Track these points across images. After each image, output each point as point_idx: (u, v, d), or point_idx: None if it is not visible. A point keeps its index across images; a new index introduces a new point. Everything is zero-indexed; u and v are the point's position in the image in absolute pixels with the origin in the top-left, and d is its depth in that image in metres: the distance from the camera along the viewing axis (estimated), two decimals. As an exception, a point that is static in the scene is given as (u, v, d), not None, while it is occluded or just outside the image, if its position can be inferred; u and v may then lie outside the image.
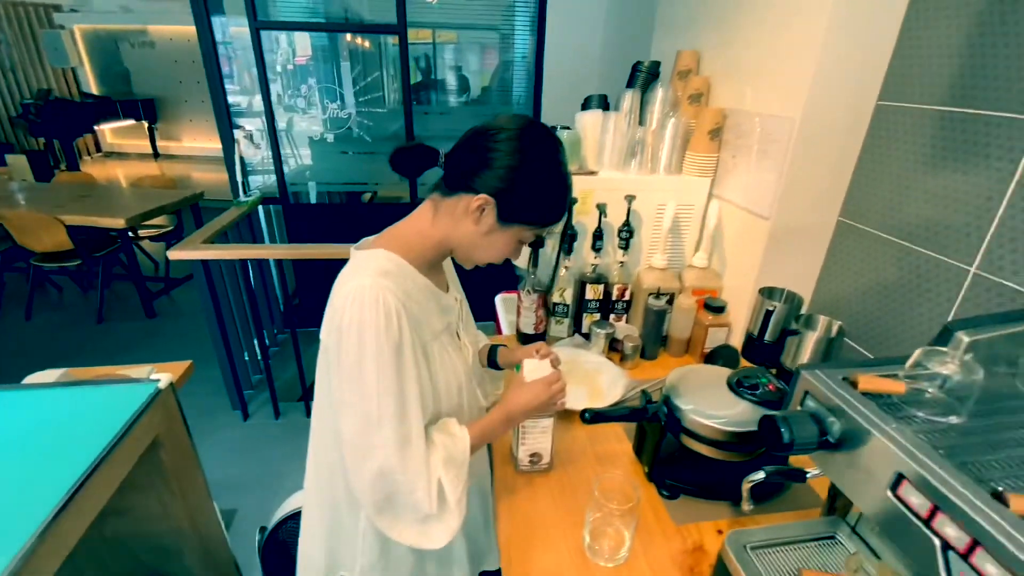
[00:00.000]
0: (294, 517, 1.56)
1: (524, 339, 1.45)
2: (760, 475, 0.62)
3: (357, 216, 3.20)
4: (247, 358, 2.73)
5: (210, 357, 2.46)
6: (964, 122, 0.92)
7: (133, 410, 1.05)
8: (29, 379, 1.16)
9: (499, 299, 1.79)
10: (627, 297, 1.43)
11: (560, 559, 0.84)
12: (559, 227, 0.80)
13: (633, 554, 0.85)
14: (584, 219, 1.39)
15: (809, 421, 0.50)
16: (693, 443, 0.90)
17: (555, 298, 1.42)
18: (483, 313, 1.66)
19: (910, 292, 1.04)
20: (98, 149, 7.52)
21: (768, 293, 1.21)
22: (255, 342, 2.74)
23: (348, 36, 3.22)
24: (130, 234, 3.50)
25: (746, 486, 0.64)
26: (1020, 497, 0.39)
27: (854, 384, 0.52)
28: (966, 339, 0.54)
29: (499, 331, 1.74)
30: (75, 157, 6.30)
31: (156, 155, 7.38)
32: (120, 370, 1.53)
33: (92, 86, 7.11)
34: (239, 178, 2.80)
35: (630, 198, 1.34)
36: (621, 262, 1.41)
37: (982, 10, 0.89)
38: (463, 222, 0.77)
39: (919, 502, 0.42)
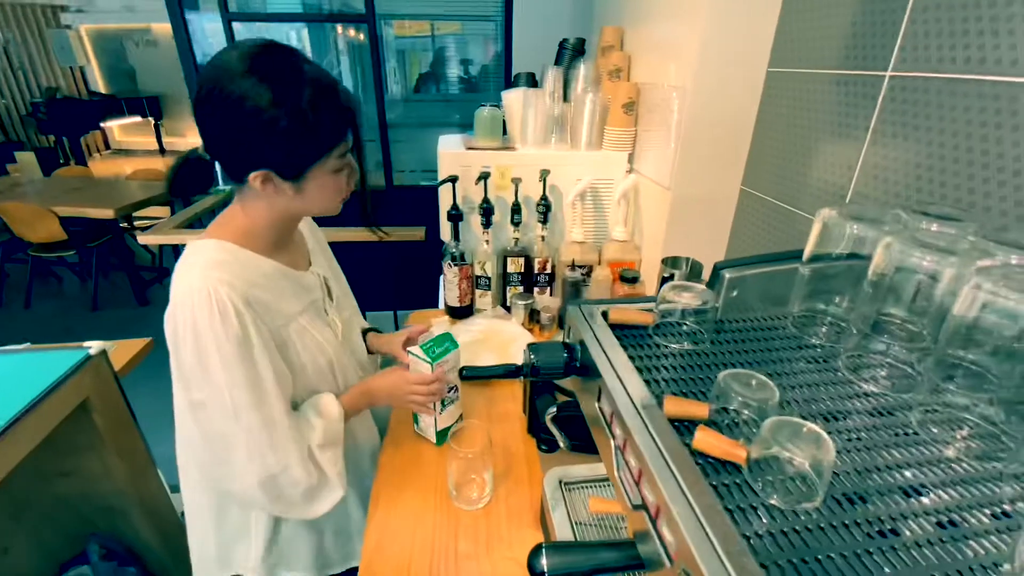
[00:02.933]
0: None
1: (451, 312, 1.50)
2: (553, 408, 0.66)
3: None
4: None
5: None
6: (841, 84, 0.93)
7: (58, 374, 1.13)
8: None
9: (442, 279, 1.84)
10: (549, 270, 1.47)
11: (426, 505, 0.89)
12: (349, 141, 0.72)
13: (495, 499, 0.90)
14: (503, 194, 1.42)
15: (559, 350, 0.54)
16: (562, 397, 0.94)
17: (478, 271, 1.46)
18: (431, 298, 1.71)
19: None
20: (107, 146, 7.75)
21: (671, 262, 1.24)
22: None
23: (339, 28, 3.29)
24: (124, 225, 3.63)
25: (548, 419, 0.68)
26: (675, 400, 0.43)
27: (607, 317, 0.56)
28: (727, 276, 0.58)
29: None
30: (83, 154, 6.52)
31: (162, 151, 7.57)
32: (57, 345, 1.62)
33: (100, 84, 7.32)
34: (218, 168, 2.89)
35: (545, 172, 1.38)
36: (542, 236, 1.45)
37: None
38: (270, 199, 0.72)
39: (607, 409, 0.45)
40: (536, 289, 1.50)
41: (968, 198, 0.70)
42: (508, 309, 1.48)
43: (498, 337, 1.35)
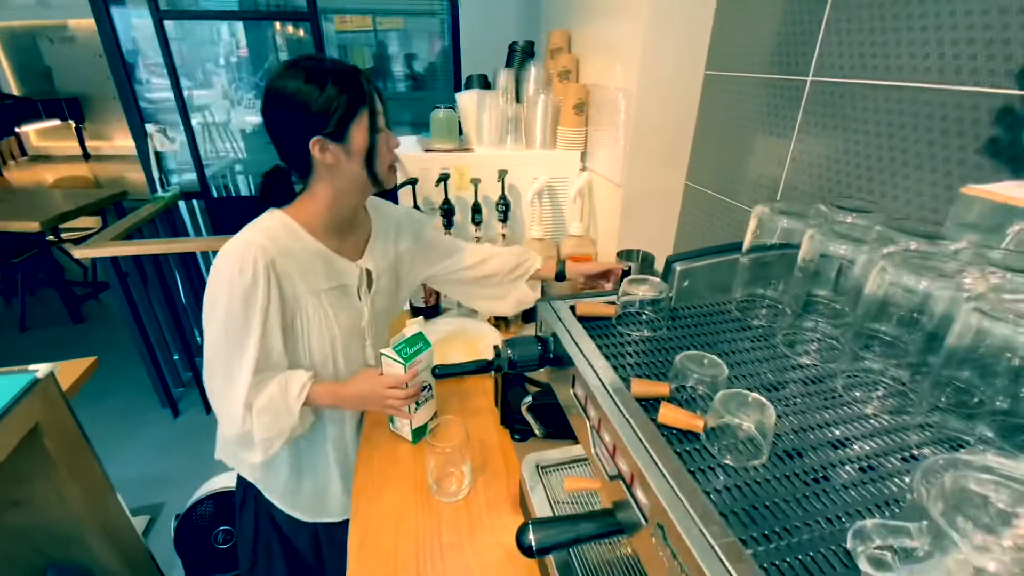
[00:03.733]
0: (207, 500, 1.60)
1: (415, 313, 1.52)
2: (529, 398, 0.71)
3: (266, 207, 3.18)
4: (177, 357, 2.71)
5: (137, 358, 2.44)
6: (770, 87, 1.02)
7: (6, 400, 1.08)
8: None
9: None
10: (511, 267, 1.51)
11: (406, 500, 0.92)
12: (375, 105, 0.86)
13: (474, 491, 0.94)
14: (463, 194, 1.45)
15: (534, 343, 0.59)
16: (533, 388, 0.99)
17: (440, 271, 1.49)
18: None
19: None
20: (23, 153, 7.14)
21: (626, 255, 1.31)
22: (183, 341, 2.72)
23: (278, 25, 3.18)
24: (50, 237, 3.39)
25: (523, 408, 0.72)
26: (640, 381, 0.48)
27: (575, 311, 0.61)
28: (678, 268, 0.64)
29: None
30: (-4, 162, 5.98)
31: (87, 156, 7.05)
32: (7, 370, 1.53)
33: (11, 86, 6.73)
34: (156, 174, 2.76)
35: (503, 173, 1.42)
36: (503, 234, 1.49)
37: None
38: (333, 172, 0.86)
39: (581, 394, 0.51)
40: (499, 286, 1.54)
41: (879, 189, 0.80)
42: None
43: (466, 335, 1.39)
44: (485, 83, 1.59)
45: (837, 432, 0.47)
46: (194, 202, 3.05)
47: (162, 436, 2.43)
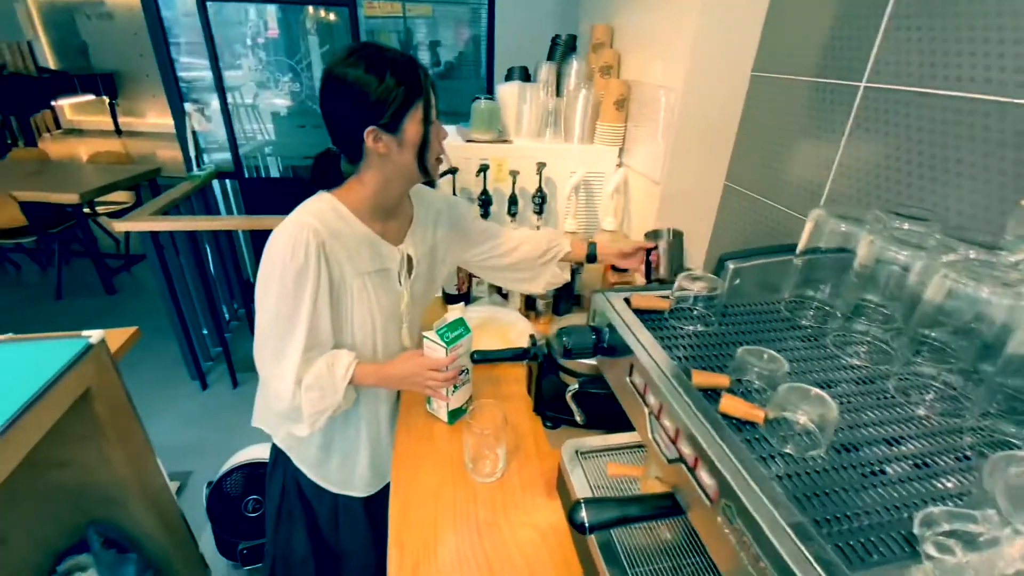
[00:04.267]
0: (238, 470, 1.66)
1: (447, 299, 1.55)
2: (575, 385, 0.74)
3: (315, 189, 3.24)
4: (206, 332, 2.79)
5: (171, 331, 2.52)
6: (819, 91, 1.03)
7: (63, 363, 1.13)
8: (-31, 339, 1.23)
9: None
10: (543, 259, 1.53)
11: (444, 477, 0.96)
12: (430, 97, 0.89)
13: (508, 473, 0.97)
14: (500, 185, 1.48)
15: (588, 332, 0.61)
16: (568, 378, 1.01)
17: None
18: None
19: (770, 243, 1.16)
20: (57, 126, 7.32)
21: (653, 234, 1.28)
22: (209, 316, 2.80)
23: (311, 9, 3.22)
24: (86, 210, 3.49)
25: (568, 396, 0.75)
26: (701, 373, 0.50)
27: (629, 303, 0.63)
28: (731, 267, 0.66)
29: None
30: (32, 134, 6.14)
31: (119, 132, 7.21)
32: (56, 334, 1.60)
33: (49, 60, 6.89)
34: (192, 152, 2.82)
35: (541, 165, 1.44)
36: (537, 226, 1.51)
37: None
38: (382, 162, 0.89)
39: (639, 382, 0.53)
40: (531, 277, 1.56)
41: (930, 199, 0.80)
42: (504, 296, 1.54)
43: (497, 323, 1.41)
44: (526, 75, 1.60)
45: (891, 430, 0.49)
46: (227, 181, 3.12)
47: (191, 407, 2.51)
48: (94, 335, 1.26)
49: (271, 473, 1.18)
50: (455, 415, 1.08)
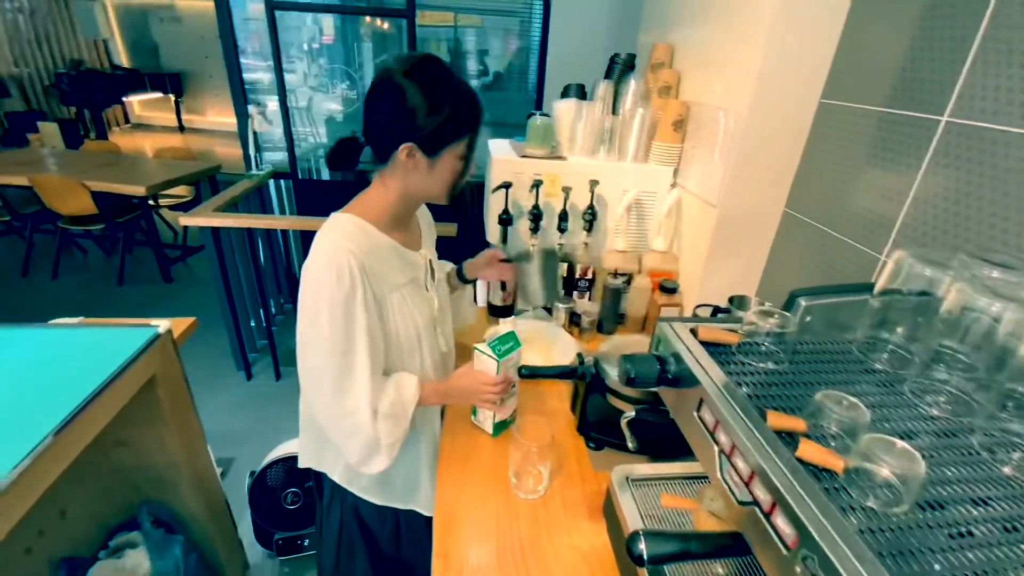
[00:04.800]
0: (280, 462, 1.72)
1: (492, 311, 1.57)
2: (632, 412, 0.73)
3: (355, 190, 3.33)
4: (253, 324, 2.90)
5: (220, 322, 2.64)
6: (892, 123, 1.00)
7: (133, 350, 1.20)
8: (52, 322, 1.32)
9: (479, 282, 1.91)
10: (590, 276, 1.53)
11: (487, 491, 0.97)
12: (476, 137, 0.89)
13: (551, 492, 0.97)
14: (551, 201, 1.49)
15: (652, 362, 0.61)
16: (616, 401, 1.01)
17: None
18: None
19: (838, 277, 1.12)
20: (127, 120, 7.79)
21: (738, 302, 1.26)
22: (260, 309, 2.91)
23: (367, 18, 3.33)
24: (150, 202, 3.69)
25: (623, 422, 0.75)
26: (776, 414, 0.49)
27: (696, 334, 0.62)
28: (803, 304, 0.64)
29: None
30: (104, 127, 6.55)
31: (181, 128, 7.62)
32: (127, 321, 1.70)
33: (122, 58, 7.35)
34: (252, 152, 2.95)
35: (594, 183, 1.44)
36: (586, 243, 1.51)
37: (915, 16, 0.95)
38: (407, 174, 0.88)
39: (709, 418, 0.52)
40: (576, 293, 1.56)
41: (1015, 241, 0.77)
42: (549, 311, 1.54)
43: (541, 338, 1.42)
44: (582, 93, 1.61)
45: (977, 490, 0.47)
46: (281, 182, 3.24)
47: (235, 396, 2.61)
48: (162, 324, 1.33)
49: (328, 508, 1.14)
50: (500, 427, 1.09)
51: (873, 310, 0.65)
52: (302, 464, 1.10)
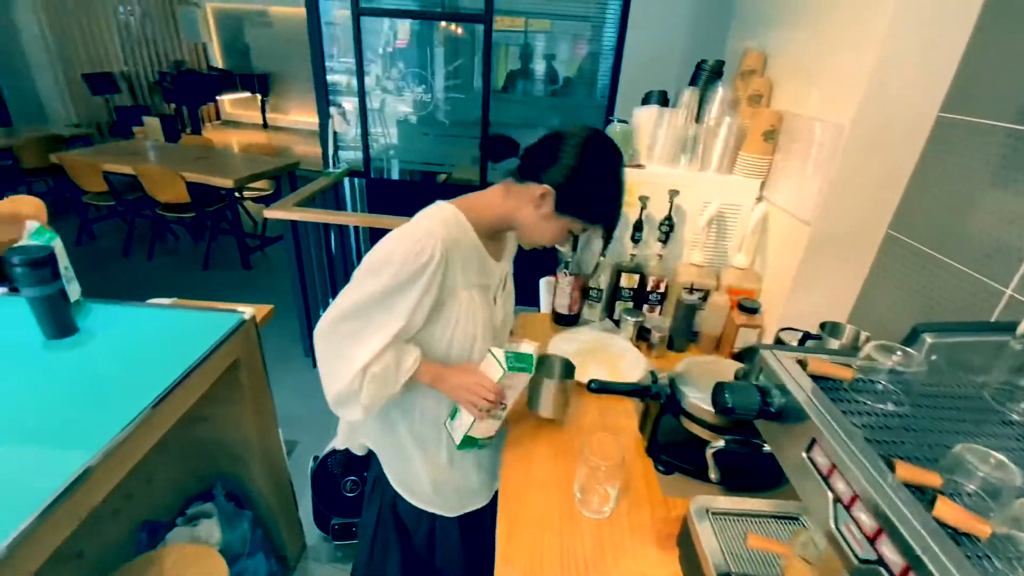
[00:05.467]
0: (341, 451, 1.77)
1: (558, 319, 1.54)
2: (720, 443, 0.69)
3: (431, 194, 3.38)
4: (322, 313, 3.03)
5: (292, 309, 2.77)
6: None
7: (222, 332, 1.28)
8: (150, 301, 1.43)
9: (543, 281, 1.89)
10: (662, 289, 1.48)
11: (550, 504, 0.95)
12: (605, 231, 0.95)
13: (617, 513, 0.94)
14: (627, 209, 1.45)
15: (753, 392, 0.57)
16: (691, 424, 0.96)
17: (590, 283, 1.50)
18: (528, 297, 1.77)
19: (947, 310, 1.02)
20: (218, 117, 8.41)
21: (831, 329, 1.15)
22: (331, 299, 3.04)
23: (442, 23, 3.41)
24: (236, 194, 3.95)
25: (709, 453, 0.70)
26: (907, 466, 0.44)
27: (804, 366, 0.57)
28: (929, 340, 0.58)
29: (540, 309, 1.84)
30: (199, 123, 7.11)
31: (265, 126, 8.13)
32: (216, 305, 1.81)
33: (218, 60, 7.95)
34: (330, 151, 3.09)
35: (673, 193, 1.39)
36: (660, 255, 1.46)
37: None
38: (527, 206, 0.91)
39: (823, 462, 0.48)
40: (646, 307, 1.51)
41: None
42: (616, 323, 1.50)
43: (606, 350, 1.38)
44: (664, 100, 1.56)
45: None
46: (355, 180, 3.38)
47: (301, 381, 2.73)
48: (247, 311, 1.41)
49: (369, 497, 1.19)
50: (468, 443, 1.00)
51: (1014, 353, 0.57)
52: (341, 444, 1.15)
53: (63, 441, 0.91)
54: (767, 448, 0.72)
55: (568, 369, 1.14)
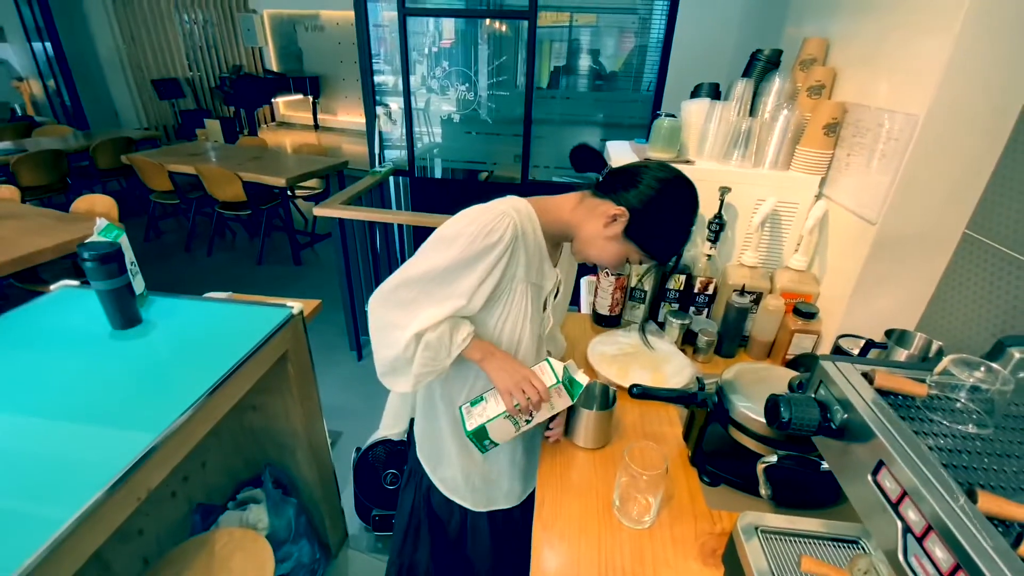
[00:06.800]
0: (382, 444, 1.81)
1: (599, 320, 1.51)
2: (773, 458, 0.64)
3: (474, 192, 3.41)
4: (367, 308, 3.11)
5: (338, 303, 2.86)
6: None
7: (272, 326, 1.32)
8: (207, 295, 1.50)
9: (584, 281, 1.86)
10: (710, 291, 1.42)
11: (588, 510, 0.92)
12: (657, 268, 0.98)
13: (659, 524, 0.90)
14: (674, 208, 1.39)
15: (812, 406, 0.52)
16: (740, 435, 0.91)
17: (633, 283, 1.45)
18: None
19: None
20: (273, 119, 8.78)
21: (898, 338, 1.07)
22: (373, 295, 3.12)
23: (487, 21, 3.41)
24: (288, 192, 4.11)
25: (760, 467, 0.66)
26: (990, 497, 0.39)
27: (870, 379, 0.52)
28: (1017, 355, 0.52)
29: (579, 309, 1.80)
30: (255, 125, 7.45)
31: (316, 126, 8.42)
32: (268, 299, 1.88)
33: (273, 64, 8.29)
34: (376, 150, 3.16)
35: (724, 190, 1.33)
36: (708, 255, 1.40)
37: None
38: (596, 220, 0.91)
39: (892, 487, 0.43)
40: (693, 309, 1.45)
41: None
42: (660, 325, 1.45)
43: (649, 354, 1.34)
44: (715, 92, 1.49)
45: None
46: (400, 179, 3.44)
47: (346, 374, 2.81)
48: (296, 306, 1.46)
49: (404, 486, 1.23)
50: (479, 434, 0.93)
51: (1126, 373, 0.50)
52: (382, 432, 1.15)
53: (127, 423, 0.96)
54: (825, 466, 0.67)
55: (608, 398, 1.11)
